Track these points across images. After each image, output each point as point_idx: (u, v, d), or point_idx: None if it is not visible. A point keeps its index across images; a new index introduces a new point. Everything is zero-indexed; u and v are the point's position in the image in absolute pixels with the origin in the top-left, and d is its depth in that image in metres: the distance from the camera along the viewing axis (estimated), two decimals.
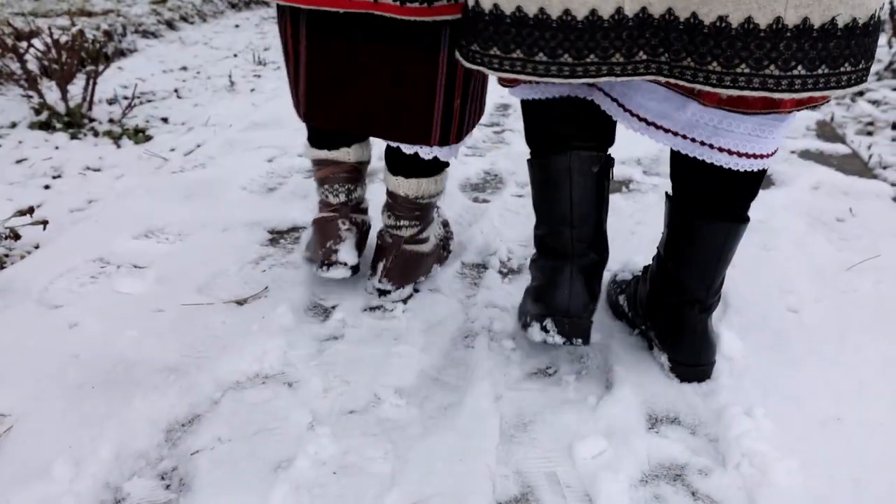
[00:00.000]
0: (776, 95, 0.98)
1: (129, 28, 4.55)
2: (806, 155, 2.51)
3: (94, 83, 3.05)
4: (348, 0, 1.27)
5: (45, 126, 2.93)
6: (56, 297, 1.62)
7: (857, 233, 1.94)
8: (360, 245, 1.69)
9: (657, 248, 1.42)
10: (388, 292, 1.63)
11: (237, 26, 5.27)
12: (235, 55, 4.37)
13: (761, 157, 1.21)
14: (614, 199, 2.14)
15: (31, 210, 2.02)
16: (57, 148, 2.77)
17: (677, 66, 1.02)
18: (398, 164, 1.59)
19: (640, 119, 1.27)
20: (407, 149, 1.54)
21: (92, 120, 3.05)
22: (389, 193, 1.64)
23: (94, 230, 1.94)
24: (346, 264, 1.59)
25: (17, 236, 1.98)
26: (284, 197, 2.16)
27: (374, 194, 1.90)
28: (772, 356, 1.43)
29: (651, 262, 1.46)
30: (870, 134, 2.98)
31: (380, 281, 1.63)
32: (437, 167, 1.60)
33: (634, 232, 1.94)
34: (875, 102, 3.28)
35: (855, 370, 1.39)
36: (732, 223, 1.27)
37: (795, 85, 0.98)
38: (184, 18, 5.17)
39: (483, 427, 1.24)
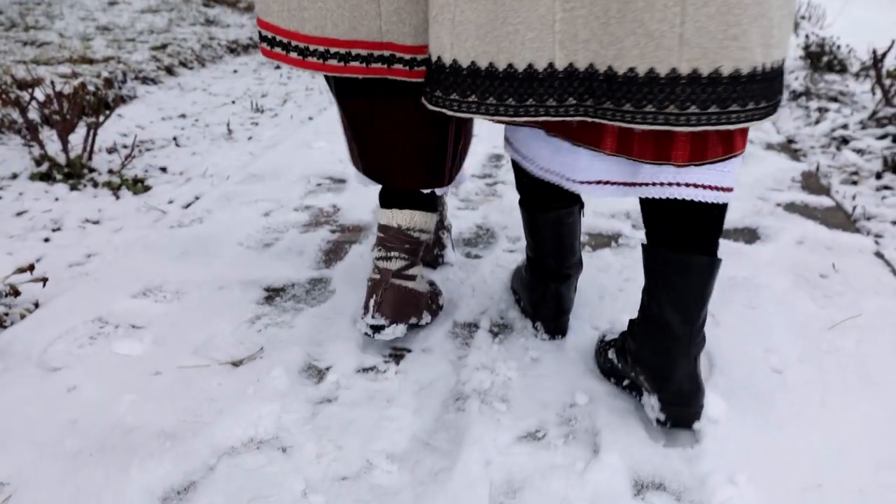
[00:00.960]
0: (676, 129, 1.22)
1: (130, 75, 4.63)
2: (791, 208, 2.57)
3: (95, 134, 3.11)
4: (366, 68, 1.53)
5: (46, 177, 2.98)
6: (55, 359, 1.66)
7: (839, 290, 1.98)
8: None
9: (642, 293, 1.49)
10: (382, 327, 1.67)
11: (235, 72, 5.35)
12: (233, 102, 4.44)
13: (725, 189, 1.37)
14: (603, 255, 2.19)
15: (31, 267, 2.06)
16: (57, 199, 2.82)
17: (600, 109, 1.26)
18: (391, 199, 1.75)
19: (613, 183, 1.44)
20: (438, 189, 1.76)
21: (92, 170, 3.10)
22: (382, 227, 1.75)
23: (92, 288, 1.98)
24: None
25: (16, 293, 2.01)
26: (280, 253, 2.20)
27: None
28: (755, 419, 1.46)
29: (637, 313, 1.51)
30: (854, 184, 3.04)
31: (372, 316, 1.67)
32: (430, 204, 1.76)
33: (623, 289, 1.98)
34: (860, 151, 3.35)
35: (836, 433, 1.43)
36: (706, 257, 1.40)
37: (691, 120, 1.20)
38: (183, 64, 5.25)
39: (473, 494, 1.27)
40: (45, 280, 2.06)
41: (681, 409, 1.42)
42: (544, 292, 1.76)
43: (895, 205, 2.77)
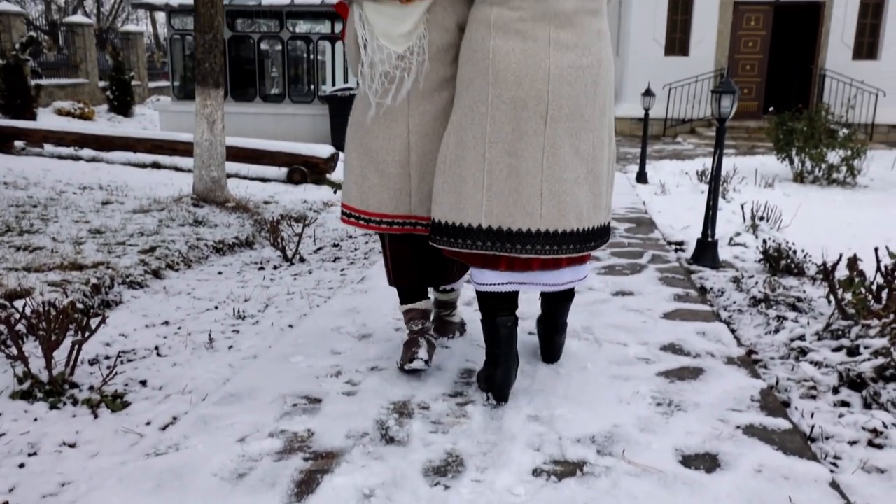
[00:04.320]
0: (541, 257, 2.75)
1: (117, 280, 4.80)
2: (750, 431, 2.66)
3: (79, 351, 3.21)
4: (401, 228, 3.02)
5: (27, 395, 3.04)
6: None
7: None
8: (432, 352, 3.13)
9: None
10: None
11: (220, 273, 5.54)
12: (216, 307, 4.58)
13: (576, 281, 3.01)
14: (568, 485, 2.25)
15: None
16: (36, 420, 2.87)
17: (504, 247, 2.73)
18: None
19: (538, 285, 2.95)
20: (447, 286, 3.39)
21: (73, 386, 3.17)
22: (440, 302, 3.55)
23: None
24: (423, 360, 3.05)
25: None
26: (254, 486, 2.24)
27: None
28: None
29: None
30: (813, 398, 3.15)
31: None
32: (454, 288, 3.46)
33: None
34: (817, 364, 3.49)
35: None
36: (568, 300, 3.23)
37: (549, 252, 2.73)
38: (170, 266, 5.44)
39: None
40: None
41: (552, 356, 3.35)
42: (493, 373, 2.88)
43: (852, 423, 2.88)
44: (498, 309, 2.87)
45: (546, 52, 2.62)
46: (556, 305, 3.19)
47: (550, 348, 3.32)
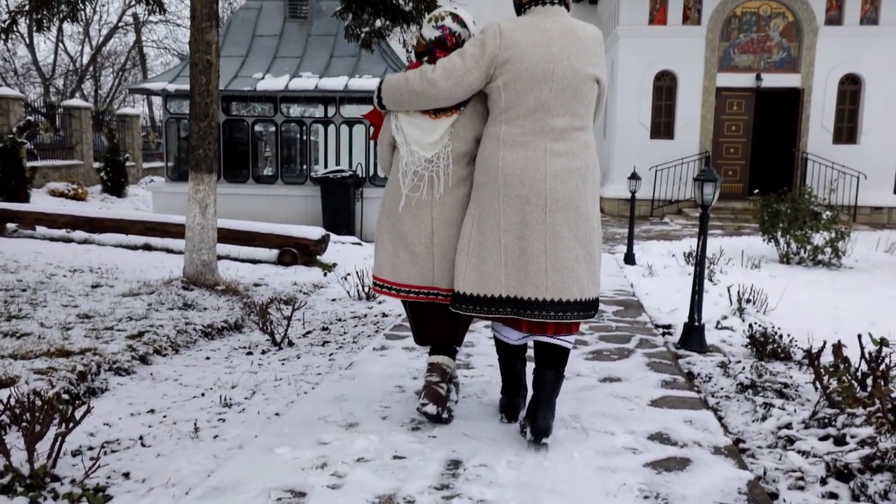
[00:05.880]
0: (548, 321, 3.38)
1: (104, 366, 4.78)
2: None
3: (62, 443, 3.18)
4: (426, 297, 3.62)
5: (7, 490, 3.00)
6: None
7: None
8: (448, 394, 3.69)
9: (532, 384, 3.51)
10: (427, 404, 3.54)
11: (208, 358, 5.52)
12: (203, 394, 4.55)
13: (568, 342, 3.50)
14: None
15: None
16: None
17: (519, 312, 3.38)
18: (437, 351, 3.69)
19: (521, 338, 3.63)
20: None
21: (55, 479, 3.13)
22: (431, 363, 3.64)
23: None
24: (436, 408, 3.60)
25: None
26: None
27: None
28: None
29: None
30: (801, 489, 3.14)
31: (423, 404, 3.56)
32: (453, 353, 3.73)
33: None
34: (804, 453, 3.48)
35: None
36: (559, 372, 3.49)
37: (553, 317, 3.35)
38: (157, 351, 5.42)
39: None
40: None
41: (539, 433, 3.32)
42: (507, 402, 3.75)
43: None
44: (514, 355, 3.76)
45: (543, 159, 3.31)
46: (545, 377, 3.44)
47: (538, 430, 3.31)
